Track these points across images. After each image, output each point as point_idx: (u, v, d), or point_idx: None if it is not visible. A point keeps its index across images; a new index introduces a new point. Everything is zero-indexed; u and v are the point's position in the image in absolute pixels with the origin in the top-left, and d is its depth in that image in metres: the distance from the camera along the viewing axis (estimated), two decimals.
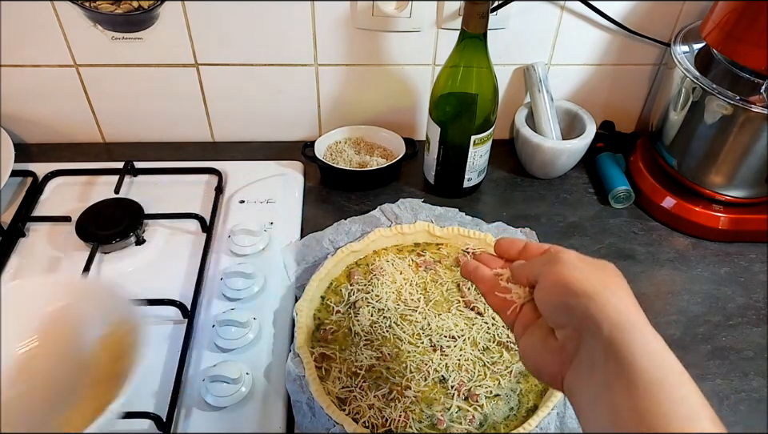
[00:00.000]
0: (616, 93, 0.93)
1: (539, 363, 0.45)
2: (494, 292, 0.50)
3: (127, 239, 0.76)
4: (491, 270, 0.52)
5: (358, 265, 0.75)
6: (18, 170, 0.84)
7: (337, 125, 0.91)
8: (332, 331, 0.68)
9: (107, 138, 0.94)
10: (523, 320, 0.48)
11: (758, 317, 0.73)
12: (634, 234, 0.83)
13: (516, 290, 0.49)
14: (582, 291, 0.41)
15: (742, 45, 0.69)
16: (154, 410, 0.59)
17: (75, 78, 0.85)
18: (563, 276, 0.43)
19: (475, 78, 0.74)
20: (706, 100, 0.73)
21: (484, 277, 0.52)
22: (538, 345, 0.45)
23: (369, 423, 0.60)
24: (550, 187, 0.89)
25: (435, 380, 0.64)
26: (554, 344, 0.43)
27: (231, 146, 0.94)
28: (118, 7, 0.78)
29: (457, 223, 0.80)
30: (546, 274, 0.44)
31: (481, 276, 0.52)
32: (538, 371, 0.46)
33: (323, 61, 0.86)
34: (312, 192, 0.87)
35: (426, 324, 0.68)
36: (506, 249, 0.52)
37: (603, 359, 0.39)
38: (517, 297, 0.49)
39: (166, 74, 0.86)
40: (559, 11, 0.83)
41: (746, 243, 0.82)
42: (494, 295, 0.50)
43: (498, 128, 0.84)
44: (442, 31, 0.83)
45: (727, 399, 0.65)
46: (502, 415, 0.62)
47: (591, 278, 0.42)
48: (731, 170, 0.77)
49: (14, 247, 0.76)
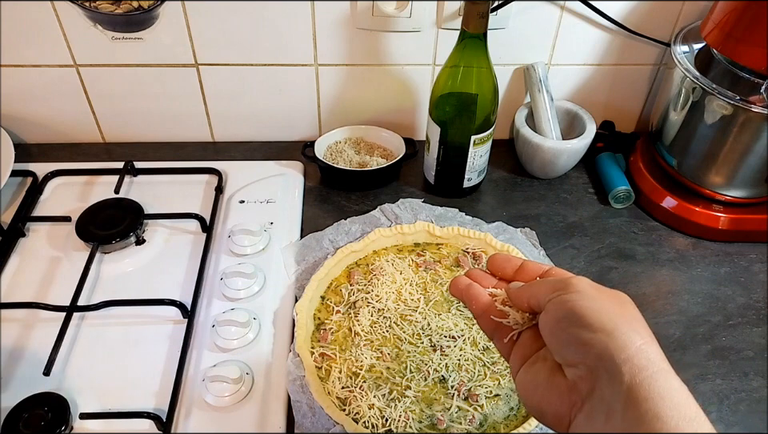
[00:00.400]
0: (616, 93, 0.93)
1: (543, 402, 0.40)
2: (488, 316, 0.45)
3: (127, 239, 0.76)
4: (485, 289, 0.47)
5: (357, 265, 0.75)
6: (18, 170, 0.84)
7: (337, 125, 0.91)
8: (332, 331, 0.68)
9: (107, 138, 0.94)
10: (521, 350, 0.43)
11: (758, 317, 0.73)
12: (634, 234, 0.83)
13: (514, 315, 0.44)
14: (599, 325, 0.37)
15: (741, 45, 0.69)
16: (153, 410, 0.60)
17: (75, 78, 0.85)
18: (577, 306, 0.38)
19: (475, 78, 0.74)
20: (706, 100, 0.73)
21: (477, 297, 0.46)
22: (542, 383, 0.40)
23: (369, 424, 0.60)
24: (550, 187, 0.89)
25: (435, 380, 0.64)
26: (561, 383, 0.38)
27: (231, 146, 0.94)
28: (118, 7, 0.78)
29: (457, 223, 0.80)
30: (557, 302, 0.40)
31: (473, 296, 0.47)
32: (539, 412, 0.40)
33: (323, 61, 0.86)
34: (312, 192, 0.87)
35: (426, 324, 0.68)
36: (500, 266, 0.48)
37: (622, 406, 0.34)
38: (515, 323, 0.44)
39: (166, 74, 0.86)
40: (559, 11, 0.83)
41: (746, 243, 0.82)
42: (488, 319, 0.45)
43: (498, 128, 0.84)
44: (441, 31, 0.83)
45: (727, 399, 0.65)
46: (502, 415, 0.62)
47: (609, 310, 0.38)
48: (731, 170, 0.77)
49: (14, 247, 0.76)
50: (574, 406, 0.37)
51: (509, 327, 0.44)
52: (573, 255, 0.79)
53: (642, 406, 0.33)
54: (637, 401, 0.34)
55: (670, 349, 0.69)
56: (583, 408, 0.37)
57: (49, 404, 0.59)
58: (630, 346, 0.36)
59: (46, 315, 0.68)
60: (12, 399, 0.59)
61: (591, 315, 0.37)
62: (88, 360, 0.65)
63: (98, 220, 0.76)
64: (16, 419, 0.58)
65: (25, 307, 0.68)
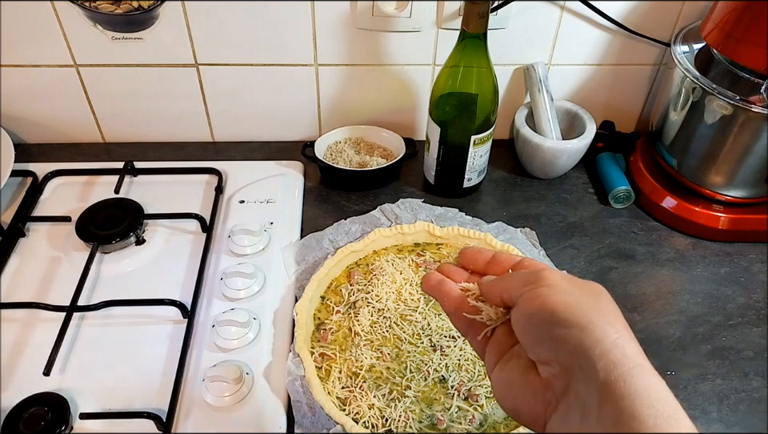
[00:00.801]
0: (616, 93, 0.93)
1: (517, 402, 0.38)
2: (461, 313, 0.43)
3: (127, 239, 0.76)
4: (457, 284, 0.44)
5: (357, 265, 0.75)
6: (18, 170, 0.84)
7: (337, 125, 0.91)
8: (332, 331, 0.68)
9: (107, 138, 0.94)
10: (496, 347, 0.41)
11: (758, 317, 0.73)
12: (634, 234, 0.83)
13: (487, 310, 0.42)
14: (572, 320, 0.35)
15: (742, 45, 0.69)
16: (154, 410, 0.59)
17: (75, 78, 0.85)
18: (549, 301, 0.36)
19: (475, 78, 0.74)
20: (706, 100, 0.73)
21: (449, 294, 0.44)
22: (516, 382, 0.38)
23: (369, 424, 0.60)
24: (550, 187, 0.89)
25: (435, 380, 0.64)
26: (536, 382, 0.37)
27: (231, 146, 0.94)
28: (118, 7, 0.78)
29: (457, 223, 0.80)
30: (528, 297, 0.38)
31: (445, 292, 0.44)
32: (515, 412, 0.39)
33: (323, 61, 0.86)
34: (312, 192, 0.87)
35: (425, 324, 0.68)
36: (471, 259, 0.46)
37: (597, 404, 0.33)
38: (488, 319, 0.42)
39: (166, 74, 0.86)
40: (559, 11, 0.83)
41: (746, 243, 0.82)
42: (461, 316, 0.43)
43: (498, 128, 0.84)
44: (441, 31, 0.83)
45: (727, 399, 0.65)
46: (502, 415, 0.62)
47: (582, 304, 0.36)
48: (731, 170, 0.77)
49: (14, 247, 0.76)
50: (549, 405, 0.36)
51: (483, 324, 0.42)
52: (573, 255, 0.79)
53: (618, 404, 0.32)
54: (613, 399, 0.32)
55: (670, 349, 0.69)
56: (558, 408, 0.35)
57: (49, 404, 0.59)
58: (605, 340, 0.34)
59: (46, 315, 0.68)
60: (12, 399, 0.59)
61: (564, 310, 0.36)
62: (88, 360, 0.65)
63: (98, 220, 0.76)
64: (16, 419, 0.58)
65: (25, 307, 0.68)
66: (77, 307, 0.67)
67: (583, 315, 0.35)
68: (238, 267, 0.71)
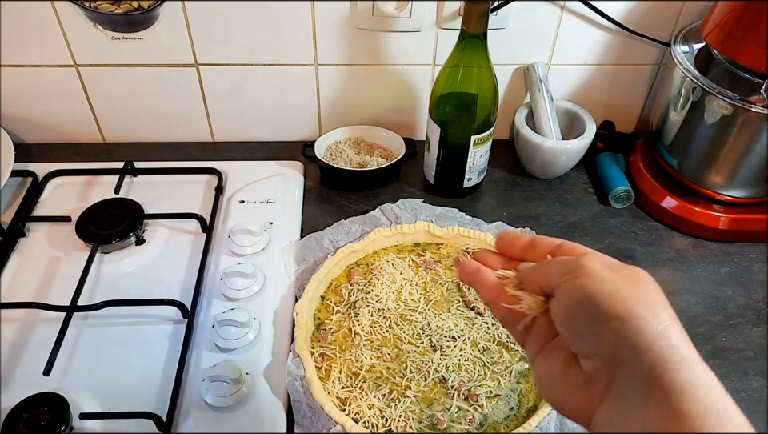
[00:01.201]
0: (616, 93, 0.93)
1: (560, 397, 0.36)
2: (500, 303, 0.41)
3: (127, 239, 0.76)
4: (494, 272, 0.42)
5: (357, 265, 0.75)
6: (18, 170, 0.84)
7: (337, 125, 0.91)
8: (332, 331, 0.68)
9: (107, 138, 0.94)
10: (537, 337, 0.39)
11: (758, 317, 0.73)
12: (634, 234, 0.83)
13: (527, 299, 0.39)
14: (612, 312, 0.33)
15: (741, 45, 0.69)
16: (154, 410, 0.59)
17: (75, 78, 0.85)
18: (588, 292, 0.34)
19: (475, 78, 0.74)
20: (706, 100, 0.73)
21: (487, 283, 0.42)
22: (559, 376, 0.36)
23: (369, 424, 0.60)
24: (550, 187, 0.89)
25: (435, 380, 0.64)
26: (578, 376, 0.35)
27: (231, 146, 0.94)
28: (118, 7, 0.78)
29: (457, 223, 0.80)
30: (566, 288, 0.36)
31: (483, 281, 0.42)
32: (559, 405, 0.37)
33: (323, 61, 0.86)
34: (312, 192, 0.87)
35: (426, 324, 0.68)
36: (509, 244, 0.43)
37: (643, 400, 0.31)
38: (528, 308, 0.39)
39: (166, 74, 0.86)
40: (559, 11, 0.83)
41: (746, 243, 0.82)
42: (499, 306, 0.41)
43: (498, 128, 0.84)
44: (441, 31, 0.83)
45: None
46: (502, 415, 0.62)
47: (624, 293, 0.34)
48: (731, 170, 0.77)
49: (14, 247, 0.76)
50: (591, 401, 0.34)
51: (522, 313, 0.40)
52: None
53: (664, 402, 0.30)
54: (658, 397, 0.30)
55: None
56: (602, 404, 0.33)
57: (49, 404, 0.59)
58: (649, 332, 0.32)
59: (46, 315, 0.67)
60: (12, 399, 0.59)
61: (603, 302, 0.33)
62: (88, 360, 0.65)
63: (98, 220, 0.76)
64: (16, 419, 0.58)
65: (25, 307, 0.68)
66: (77, 307, 0.67)
67: (624, 305, 0.33)
68: (237, 267, 0.71)
